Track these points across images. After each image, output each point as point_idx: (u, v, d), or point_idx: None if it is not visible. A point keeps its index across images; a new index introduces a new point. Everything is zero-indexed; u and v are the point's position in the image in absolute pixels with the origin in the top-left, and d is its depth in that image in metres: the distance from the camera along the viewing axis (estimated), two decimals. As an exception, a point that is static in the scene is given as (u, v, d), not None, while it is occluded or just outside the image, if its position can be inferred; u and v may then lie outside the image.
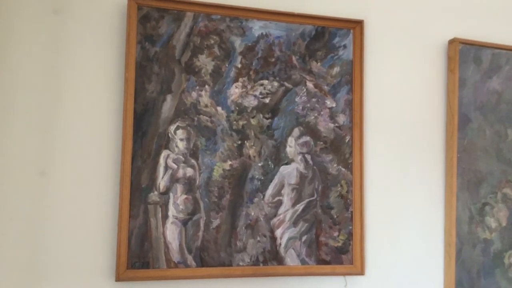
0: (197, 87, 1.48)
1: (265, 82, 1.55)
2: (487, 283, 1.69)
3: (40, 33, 1.41)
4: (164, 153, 1.44)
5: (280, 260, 1.51)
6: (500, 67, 1.77)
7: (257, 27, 1.55)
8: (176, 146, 1.45)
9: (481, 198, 1.72)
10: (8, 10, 1.39)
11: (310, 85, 1.58)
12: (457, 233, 1.66)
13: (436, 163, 1.71)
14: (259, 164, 1.52)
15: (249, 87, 1.53)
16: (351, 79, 1.62)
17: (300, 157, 1.56)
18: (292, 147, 1.55)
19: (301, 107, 1.57)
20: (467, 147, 1.71)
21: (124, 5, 1.45)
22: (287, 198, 1.53)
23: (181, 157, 1.45)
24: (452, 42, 1.72)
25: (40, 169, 1.38)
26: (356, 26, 1.63)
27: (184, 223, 1.44)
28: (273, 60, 1.56)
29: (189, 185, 1.45)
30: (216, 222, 1.46)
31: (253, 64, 1.54)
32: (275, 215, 1.52)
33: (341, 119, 1.60)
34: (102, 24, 1.45)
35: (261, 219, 1.51)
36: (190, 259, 1.43)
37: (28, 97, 1.39)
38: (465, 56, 1.72)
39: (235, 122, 1.51)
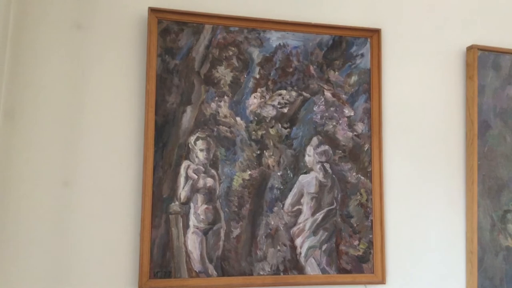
0: (216, 98, 1.50)
1: (283, 92, 1.56)
2: (511, 291, 1.67)
3: (63, 48, 1.45)
4: (185, 163, 1.46)
5: (300, 269, 1.51)
6: (520, 73, 1.75)
7: (274, 38, 1.56)
8: (196, 157, 1.47)
9: (502, 205, 1.70)
10: (32, 26, 1.43)
11: (328, 94, 1.59)
12: (479, 240, 1.65)
13: (456, 170, 1.70)
14: (278, 174, 1.53)
15: (267, 97, 1.54)
16: (369, 88, 1.62)
17: (319, 166, 1.56)
18: (311, 156, 1.56)
19: (319, 116, 1.58)
20: (488, 153, 1.69)
21: (145, 19, 1.48)
22: (306, 207, 1.54)
23: (201, 167, 1.47)
24: (470, 49, 1.72)
25: (64, 179, 1.41)
26: (373, 34, 1.64)
27: (205, 232, 1.45)
28: (291, 70, 1.57)
29: (210, 195, 1.47)
30: (236, 232, 1.47)
31: (271, 74, 1.55)
32: (294, 224, 1.53)
33: (360, 127, 1.61)
34: (124, 38, 1.48)
35: (281, 228, 1.51)
36: (211, 268, 1.44)
37: (52, 109, 1.42)
38: (483, 62, 1.71)
39: (254, 132, 1.52)
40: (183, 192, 1.45)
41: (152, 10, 1.46)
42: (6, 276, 1.35)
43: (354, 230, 1.56)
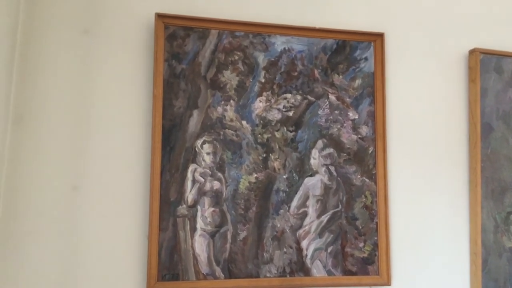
0: (223, 102, 1.52)
1: (289, 95, 1.58)
2: (515, 292, 1.68)
3: (71, 52, 1.46)
4: (192, 167, 1.47)
5: (306, 271, 1.52)
6: (522, 76, 1.77)
7: (279, 43, 1.58)
8: (203, 160, 1.48)
9: (505, 207, 1.71)
10: (40, 31, 1.45)
11: (332, 97, 1.61)
12: (483, 242, 1.66)
13: (459, 173, 1.72)
14: (284, 176, 1.54)
15: (273, 101, 1.56)
16: (373, 91, 1.64)
17: (324, 168, 1.58)
18: (316, 159, 1.57)
19: (324, 120, 1.60)
20: (491, 156, 1.71)
21: (152, 25, 1.50)
22: (312, 209, 1.55)
23: (208, 170, 1.48)
24: (473, 52, 1.73)
25: (73, 183, 1.43)
26: (377, 38, 1.65)
27: (212, 235, 1.46)
28: (295, 74, 1.59)
29: (216, 198, 1.48)
30: (243, 234, 1.49)
31: (276, 78, 1.57)
32: (300, 227, 1.54)
33: (364, 130, 1.62)
34: (131, 43, 1.50)
35: (287, 230, 1.53)
36: (218, 271, 1.45)
37: (60, 114, 1.44)
38: (486, 65, 1.73)
39: (259, 135, 1.54)
40: (190, 195, 1.46)
41: (159, 16, 1.48)
42: (15, 279, 1.36)
43: (359, 232, 1.58)
